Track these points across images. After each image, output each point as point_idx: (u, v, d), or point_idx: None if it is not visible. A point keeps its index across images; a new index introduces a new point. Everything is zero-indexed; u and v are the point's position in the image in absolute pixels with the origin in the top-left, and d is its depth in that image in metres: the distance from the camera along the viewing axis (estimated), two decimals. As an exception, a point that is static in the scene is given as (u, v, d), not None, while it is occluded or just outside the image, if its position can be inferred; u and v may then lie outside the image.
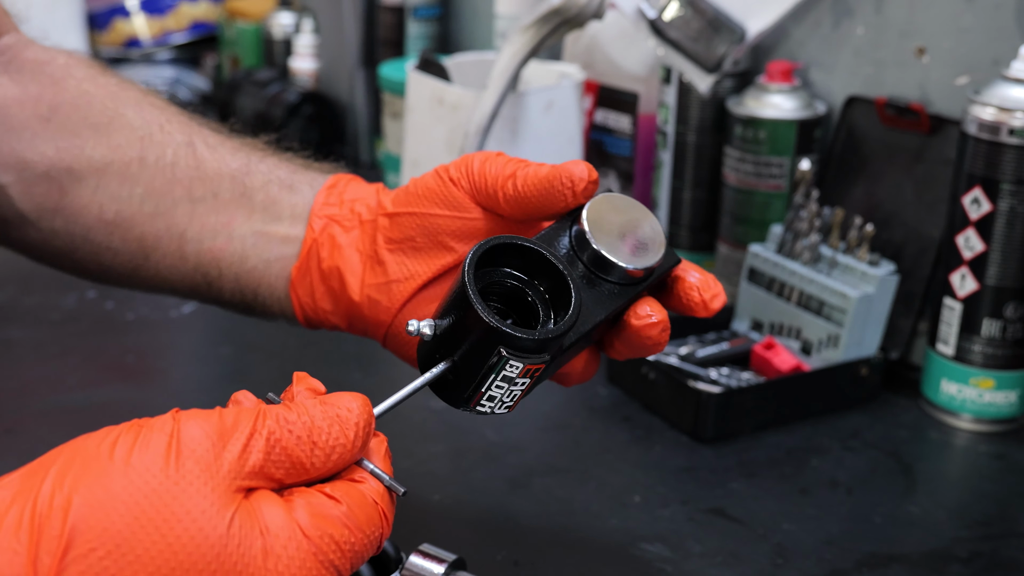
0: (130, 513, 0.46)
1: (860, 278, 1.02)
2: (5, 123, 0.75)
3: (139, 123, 0.76)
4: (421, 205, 0.67)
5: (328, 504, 0.50)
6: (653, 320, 0.61)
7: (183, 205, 0.75)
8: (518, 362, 0.56)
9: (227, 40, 1.80)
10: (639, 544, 0.83)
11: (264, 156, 0.77)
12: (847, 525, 0.86)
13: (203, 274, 0.75)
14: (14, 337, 1.13)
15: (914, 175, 1.06)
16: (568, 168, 0.62)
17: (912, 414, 1.02)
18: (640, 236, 0.61)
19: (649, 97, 1.22)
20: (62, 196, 0.75)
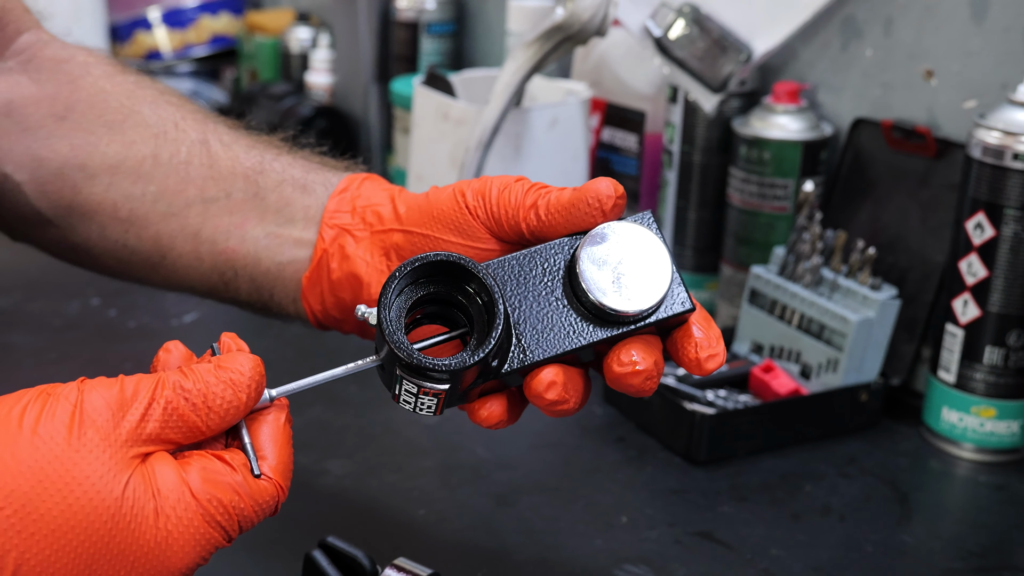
0: (35, 477, 0.50)
1: (861, 302, 1.01)
2: (21, 123, 0.75)
3: (154, 120, 0.75)
4: (435, 228, 0.65)
5: (223, 471, 0.54)
6: (636, 369, 0.57)
7: (196, 205, 0.74)
8: (410, 382, 0.56)
9: (246, 54, 1.81)
10: (623, 565, 0.81)
11: (279, 154, 0.75)
12: (837, 553, 0.85)
13: (219, 274, 0.74)
14: (15, 343, 1.14)
15: (919, 199, 1.04)
16: (593, 188, 0.59)
17: (912, 442, 1.01)
18: (637, 277, 0.57)
19: (656, 116, 1.22)
20: (75, 194, 0.75)
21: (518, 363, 0.58)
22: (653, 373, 0.58)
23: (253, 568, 0.79)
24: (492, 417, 0.60)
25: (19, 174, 0.75)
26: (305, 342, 1.14)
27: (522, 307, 0.59)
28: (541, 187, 0.62)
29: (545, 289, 0.59)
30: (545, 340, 0.58)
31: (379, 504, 0.88)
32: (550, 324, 0.58)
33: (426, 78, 1.20)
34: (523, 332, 0.58)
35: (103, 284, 1.26)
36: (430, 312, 0.60)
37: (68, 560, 0.51)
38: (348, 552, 0.74)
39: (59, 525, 0.50)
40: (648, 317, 0.57)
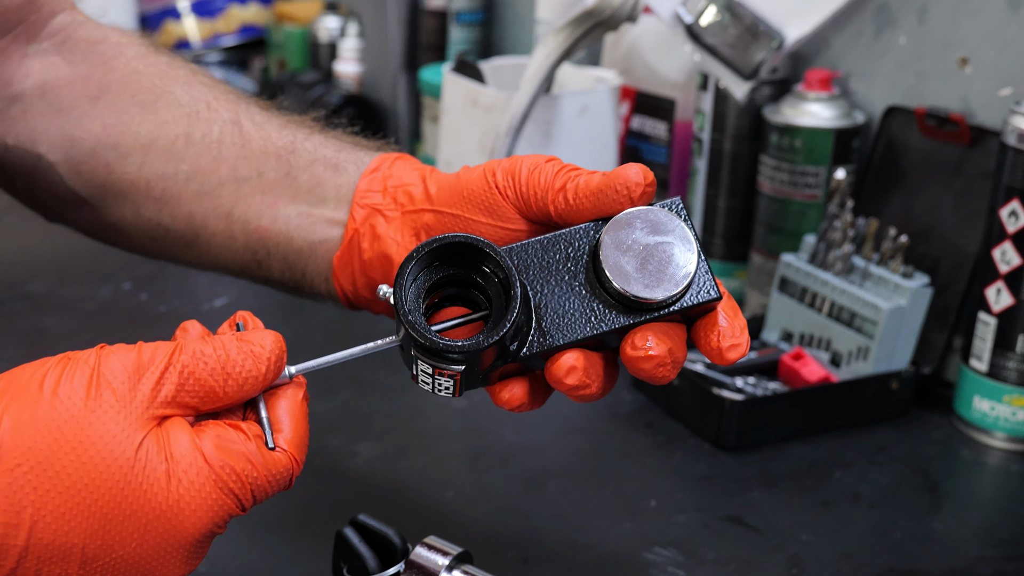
0: (51, 436, 0.51)
1: (893, 290, 1.00)
2: (55, 104, 0.76)
3: (186, 100, 0.75)
4: (465, 209, 0.65)
5: (237, 439, 0.54)
6: (649, 354, 0.56)
7: (228, 185, 0.74)
8: (426, 363, 0.56)
9: (274, 43, 1.82)
10: (652, 548, 0.81)
11: (311, 134, 0.75)
12: (867, 539, 0.84)
13: (252, 253, 0.75)
14: (48, 326, 1.15)
15: (952, 187, 1.04)
16: (623, 174, 0.58)
17: (943, 431, 1.00)
18: (662, 264, 0.56)
19: (686, 104, 1.21)
20: (108, 173, 0.75)
21: (537, 347, 0.57)
22: (666, 360, 0.57)
23: (284, 546, 0.79)
24: (513, 400, 0.60)
25: (53, 155, 0.76)
26: (334, 325, 1.14)
27: (544, 291, 0.58)
28: (571, 169, 0.62)
29: (568, 274, 0.58)
30: (566, 325, 0.57)
31: (408, 486, 0.88)
32: (572, 309, 0.58)
33: (456, 65, 1.21)
34: (544, 316, 0.58)
35: (134, 269, 1.27)
36: (453, 294, 0.59)
37: (82, 517, 0.52)
38: (379, 530, 0.74)
39: (74, 482, 0.51)
40: (671, 305, 0.57)
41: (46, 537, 0.51)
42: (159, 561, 0.54)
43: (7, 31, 0.75)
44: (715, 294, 0.57)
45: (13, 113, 0.76)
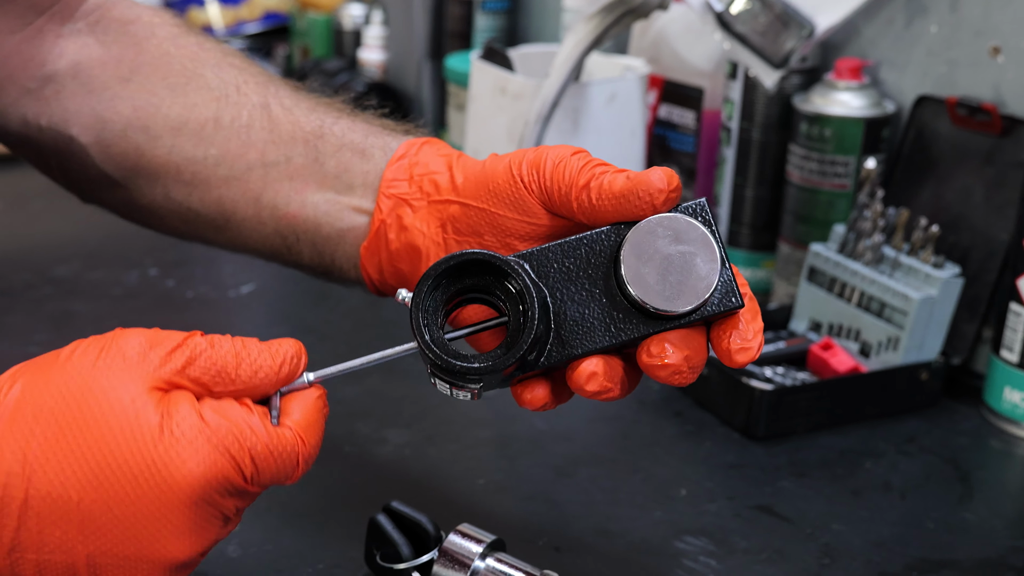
0: (58, 391, 0.54)
1: (923, 280, 1.00)
2: (87, 84, 0.76)
3: (216, 83, 0.75)
4: (490, 202, 0.64)
5: (240, 410, 0.56)
6: (665, 362, 0.56)
7: (257, 169, 0.74)
8: (442, 382, 0.57)
9: (298, 31, 1.82)
10: (683, 537, 0.81)
11: (339, 117, 0.75)
12: (898, 529, 0.84)
13: (282, 238, 0.75)
14: (77, 310, 1.15)
15: (983, 177, 1.03)
16: (647, 179, 0.57)
17: (973, 421, 1.00)
18: (683, 274, 0.56)
19: (714, 93, 1.21)
20: (139, 156, 0.75)
21: (556, 357, 0.57)
22: (682, 368, 0.57)
23: (315, 532, 0.80)
24: (536, 400, 0.60)
25: (84, 136, 0.76)
26: (361, 313, 1.14)
27: (563, 298, 0.58)
28: (597, 164, 0.61)
29: (588, 280, 0.58)
30: (585, 334, 0.57)
31: (438, 473, 0.89)
32: (591, 317, 0.57)
33: (484, 53, 1.20)
34: (563, 324, 0.57)
35: (161, 255, 1.28)
36: (474, 296, 0.59)
37: (77, 466, 0.53)
38: (413, 517, 0.74)
39: (73, 433, 0.53)
40: (691, 315, 0.56)
41: (43, 487, 0.53)
42: (156, 524, 0.54)
43: (42, 11, 0.75)
44: (736, 303, 0.56)
45: (47, 93, 0.76)
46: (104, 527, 0.54)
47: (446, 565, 0.72)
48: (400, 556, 0.73)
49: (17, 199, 1.43)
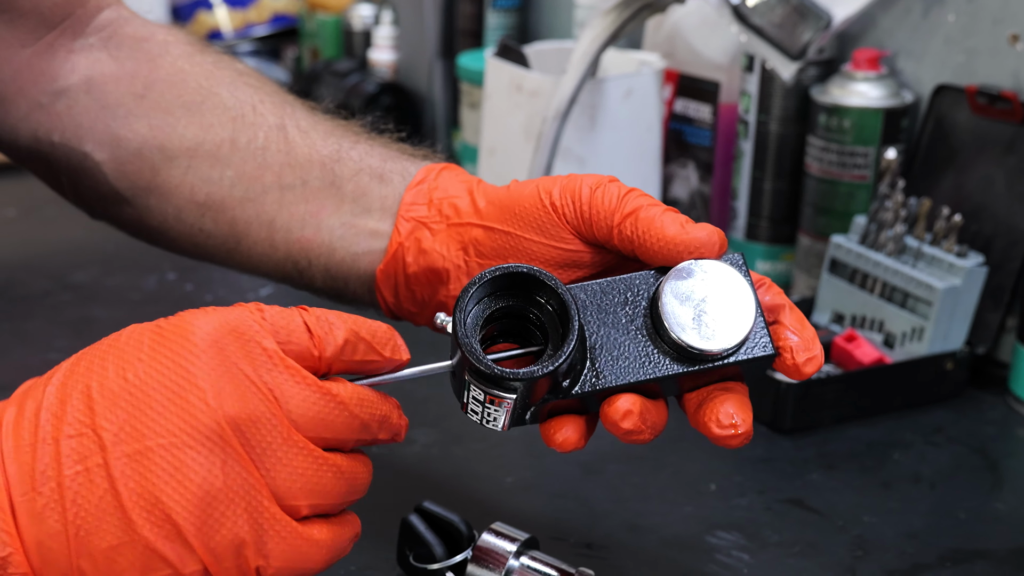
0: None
1: (947, 270, 0.99)
2: (101, 100, 0.75)
3: (232, 103, 0.75)
4: (517, 226, 0.64)
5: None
6: (737, 432, 0.57)
7: (272, 192, 0.73)
8: (478, 389, 0.56)
9: (307, 32, 1.82)
10: (715, 532, 0.81)
11: (356, 141, 0.74)
12: (930, 520, 0.84)
13: (293, 263, 0.74)
14: (97, 316, 1.15)
15: (1005, 166, 1.03)
16: (699, 239, 0.58)
17: (999, 411, 0.99)
18: (719, 316, 0.57)
19: (730, 86, 1.21)
20: (154, 175, 0.75)
21: (590, 386, 0.58)
22: (750, 433, 0.57)
23: (347, 533, 0.79)
24: (567, 443, 0.60)
25: (99, 153, 0.75)
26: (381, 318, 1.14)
27: (600, 332, 0.58)
28: (640, 195, 0.60)
29: (625, 318, 0.59)
30: (620, 367, 0.58)
31: (466, 472, 0.88)
32: (627, 352, 0.58)
33: (499, 50, 1.20)
34: (598, 357, 0.58)
35: (178, 259, 1.26)
36: (507, 329, 0.60)
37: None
38: (445, 517, 0.74)
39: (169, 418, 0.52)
40: (726, 357, 0.57)
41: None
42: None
43: (53, 26, 0.75)
44: (771, 351, 0.57)
45: (59, 108, 0.75)
46: None
47: (481, 564, 0.71)
48: (434, 556, 0.73)
49: (30, 207, 1.43)
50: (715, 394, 0.58)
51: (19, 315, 1.14)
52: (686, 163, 1.26)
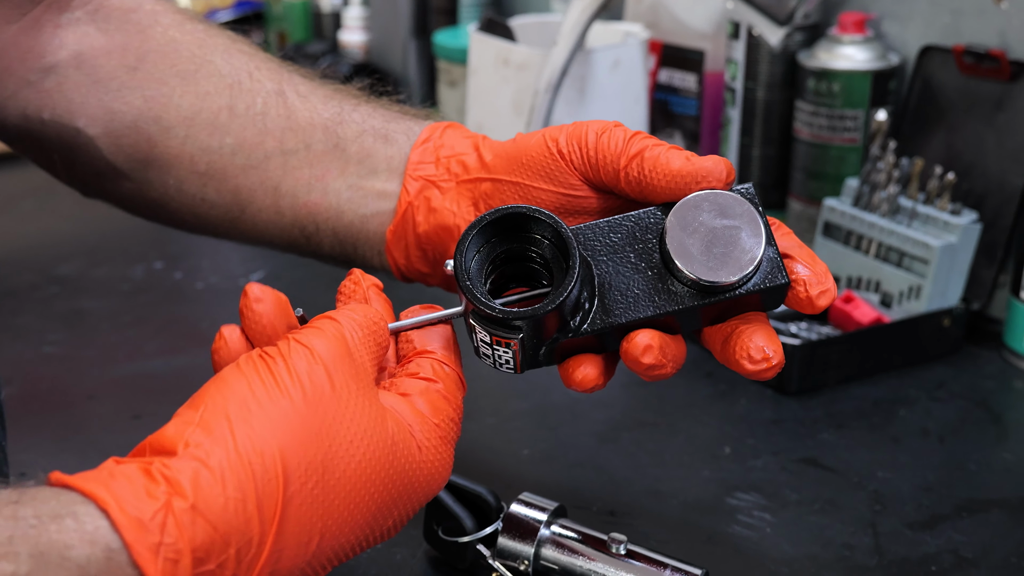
0: (320, 441, 0.50)
1: (942, 228, 1.01)
2: (92, 75, 0.74)
3: (227, 70, 0.73)
4: (525, 175, 0.63)
5: (431, 387, 0.56)
6: (771, 364, 0.56)
7: (275, 158, 0.72)
8: (484, 331, 0.56)
9: (274, 16, 1.80)
10: (734, 494, 0.82)
11: (357, 104, 0.73)
12: (942, 472, 0.85)
13: (300, 228, 0.73)
14: (87, 307, 1.13)
15: (995, 123, 1.04)
16: (705, 167, 0.57)
17: (996, 365, 1.01)
18: (728, 247, 0.56)
19: (715, 55, 1.21)
20: (152, 147, 0.73)
21: (600, 324, 0.57)
22: (782, 362, 0.57)
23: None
24: (587, 380, 0.59)
25: (92, 128, 0.74)
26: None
27: (608, 270, 0.58)
28: (645, 137, 0.60)
29: (634, 254, 0.58)
30: (629, 304, 0.57)
31: (482, 445, 0.88)
32: (636, 288, 0.57)
33: (483, 25, 1.20)
34: (608, 294, 0.57)
35: (164, 247, 1.26)
36: (517, 273, 0.59)
37: (360, 517, 0.52)
38: (472, 489, 0.74)
39: (353, 484, 0.51)
40: (736, 288, 0.56)
41: (329, 545, 0.51)
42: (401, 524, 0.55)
43: (38, 1, 0.73)
44: (783, 280, 0.56)
45: (48, 85, 0.74)
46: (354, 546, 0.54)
47: (512, 535, 0.71)
48: (464, 529, 0.73)
49: (6, 201, 1.41)
50: (739, 328, 0.57)
51: (8, 310, 1.12)
52: (672, 133, 1.27)
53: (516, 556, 0.71)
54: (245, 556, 0.48)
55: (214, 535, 0.47)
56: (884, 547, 0.76)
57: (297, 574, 0.51)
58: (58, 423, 0.92)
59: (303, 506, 0.50)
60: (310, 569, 0.51)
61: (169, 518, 0.47)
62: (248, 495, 0.48)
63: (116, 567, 0.46)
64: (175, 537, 0.47)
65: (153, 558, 0.46)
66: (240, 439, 0.49)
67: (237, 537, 0.48)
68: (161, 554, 0.46)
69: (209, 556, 0.47)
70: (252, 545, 0.49)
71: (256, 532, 0.49)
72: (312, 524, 0.50)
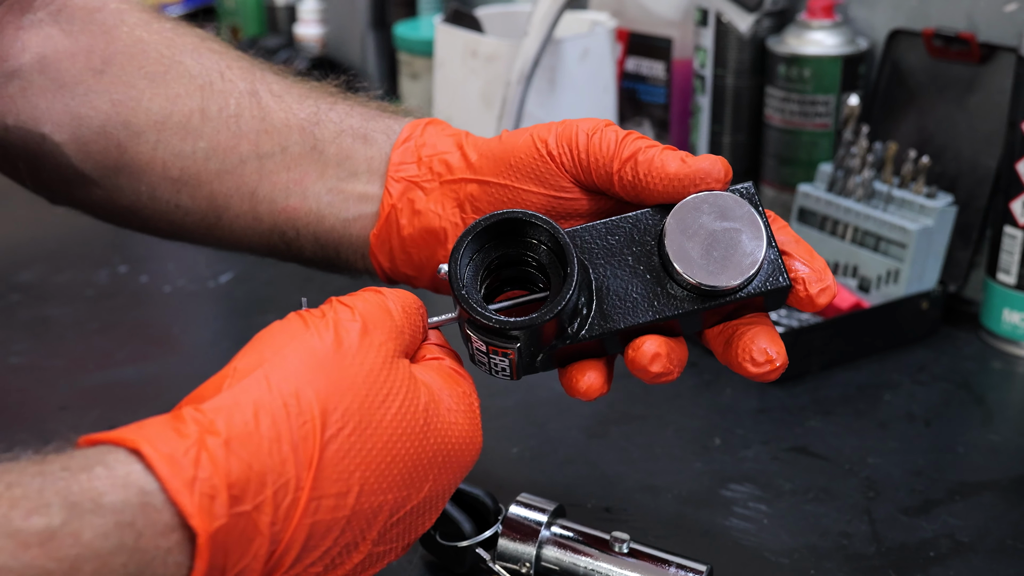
0: (358, 392, 0.50)
1: (918, 211, 1.01)
2: (57, 79, 0.71)
3: (198, 71, 0.71)
4: (513, 178, 0.62)
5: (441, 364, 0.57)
6: (775, 367, 0.56)
7: (251, 162, 0.70)
8: (480, 340, 0.55)
9: (226, 10, 1.77)
10: (728, 485, 0.82)
11: (334, 103, 0.71)
12: (932, 456, 0.86)
13: (280, 234, 0.71)
14: (52, 315, 1.10)
15: (966, 106, 1.05)
16: (703, 169, 0.56)
17: (974, 346, 1.02)
18: (728, 250, 0.55)
19: (683, 42, 1.21)
20: (121, 153, 0.71)
21: (598, 330, 0.56)
22: (785, 364, 0.56)
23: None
24: (592, 390, 0.59)
25: (58, 134, 0.71)
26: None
27: (606, 274, 0.57)
28: (638, 138, 0.59)
29: (632, 257, 0.57)
30: (628, 309, 0.56)
31: (470, 445, 0.87)
32: (634, 293, 0.56)
33: (450, 16, 1.18)
34: (606, 299, 0.56)
35: (128, 251, 1.23)
36: (513, 278, 0.58)
37: (395, 472, 0.51)
38: (470, 492, 0.73)
39: (389, 436, 0.51)
40: (737, 292, 0.55)
41: (367, 502, 0.50)
42: (440, 501, 0.55)
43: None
44: (784, 282, 0.55)
45: (11, 91, 0.71)
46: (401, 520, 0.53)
47: (513, 537, 0.71)
48: (462, 533, 0.72)
49: (-42, 207, 1.37)
50: (741, 330, 0.57)
51: (-31, 320, 1.09)
52: (641, 121, 1.26)
53: (517, 559, 0.70)
54: (283, 500, 0.48)
55: (249, 472, 0.47)
56: (881, 534, 0.76)
57: (336, 533, 0.50)
58: (30, 436, 0.89)
59: (340, 452, 0.49)
60: (350, 532, 0.50)
61: (203, 453, 0.46)
62: (283, 434, 0.48)
63: (152, 509, 0.45)
64: (210, 472, 0.46)
65: (189, 493, 0.45)
66: (275, 381, 0.49)
67: (273, 477, 0.47)
68: (197, 489, 0.46)
69: (245, 494, 0.47)
70: (289, 489, 0.48)
71: (292, 475, 0.48)
72: (350, 473, 0.50)
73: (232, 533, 0.46)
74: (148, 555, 0.45)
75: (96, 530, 0.44)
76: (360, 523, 0.51)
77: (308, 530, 0.49)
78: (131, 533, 0.45)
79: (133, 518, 0.45)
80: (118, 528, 0.44)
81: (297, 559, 0.49)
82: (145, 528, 0.45)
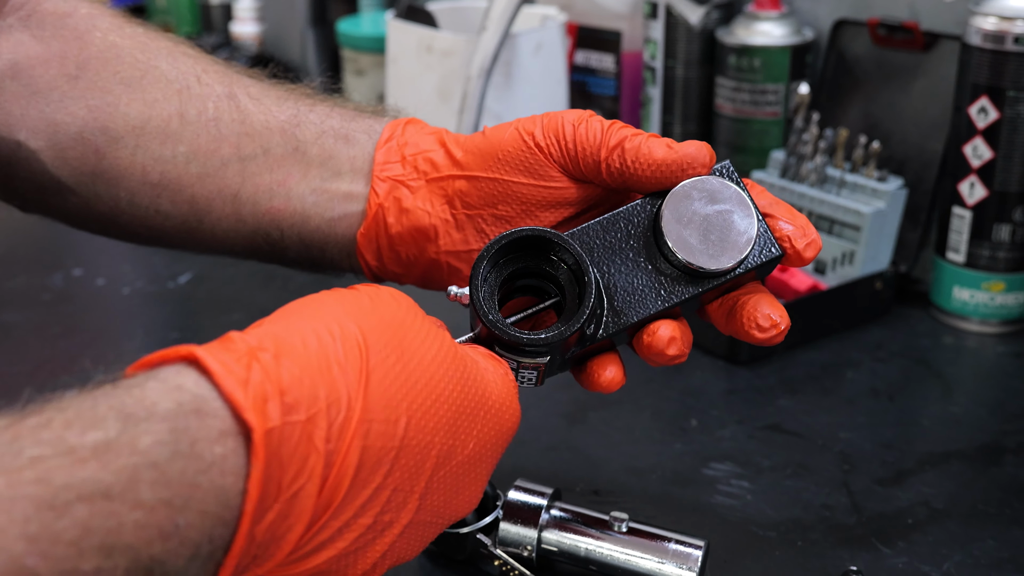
0: (403, 330, 0.51)
1: (871, 195, 1.05)
2: (31, 85, 0.70)
3: (174, 75, 0.70)
4: (502, 171, 0.63)
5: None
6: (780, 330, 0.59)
7: (233, 164, 0.70)
8: (511, 359, 0.57)
9: (157, 8, 1.74)
10: (710, 464, 0.84)
11: (312, 104, 0.71)
12: (899, 429, 0.89)
13: (264, 236, 0.71)
14: (11, 321, 1.08)
15: (911, 92, 1.09)
16: (689, 155, 0.58)
17: (926, 323, 1.06)
18: (723, 232, 0.57)
19: (632, 35, 1.23)
20: (99, 159, 0.70)
21: (613, 327, 0.59)
22: (788, 325, 0.59)
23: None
24: (614, 383, 0.61)
25: (34, 141, 0.70)
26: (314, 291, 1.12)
27: (611, 271, 0.59)
28: (623, 126, 0.61)
29: (632, 251, 0.59)
30: (637, 301, 0.59)
31: (453, 436, 0.88)
32: (640, 285, 0.59)
33: (403, 12, 1.19)
34: (615, 295, 0.59)
35: (81, 253, 1.22)
36: (520, 285, 0.60)
37: (440, 412, 0.51)
38: (467, 479, 0.74)
39: (432, 375, 0.51)
40: (736, 269, 0.58)
41: (415, 437, 0.50)
42: (484, 466, 0.55)
43: None
44: (777, 251, 0.59)
45: None
46: (449, 472, 0.53)
47: (514, 522, 0.72)
48: (462, 521, 0.73)
49: None
50: (742, 301, 0.59)
51: (-78, 329, 1.07)
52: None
53: (519, 543, 0.72)
54: (336, 417, 0.47)
55: (302, 381, 0.47)
56: (860, 504, 0.79)
57: (387, 467, 0.49)
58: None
59: (386, 379, 0.49)
60: (399, 473, 0.50)
61: (254, 363, 0.46)
62: (331, 355, 0.48)
63: (206, 415, 0.45)
64: (262, 377, 0.46)
65: (245, 393, 0.45)
66: (316, 313, 0.49)
67: (325, 392, 0.47)
68: (251, 391, 0.45)
69: (299, 403, 0.46)
70: (341, 407, 0.48)
71: (344, 392, 0.48)
72: (398, 401, 0.50)
73: (287, 443, 0.46)
74: (204, 462, 0.44)
75: (153, 436, 0.43)
76: (409, 463, 0.50)
77: (360, 454, 0.48)
78: (186, 439, 0.44)
79: (187, 423, 0.44)
80: (173, 434, 0.44)
81: (348, 496, 0.48)
82: (200, 433, 0.44)
